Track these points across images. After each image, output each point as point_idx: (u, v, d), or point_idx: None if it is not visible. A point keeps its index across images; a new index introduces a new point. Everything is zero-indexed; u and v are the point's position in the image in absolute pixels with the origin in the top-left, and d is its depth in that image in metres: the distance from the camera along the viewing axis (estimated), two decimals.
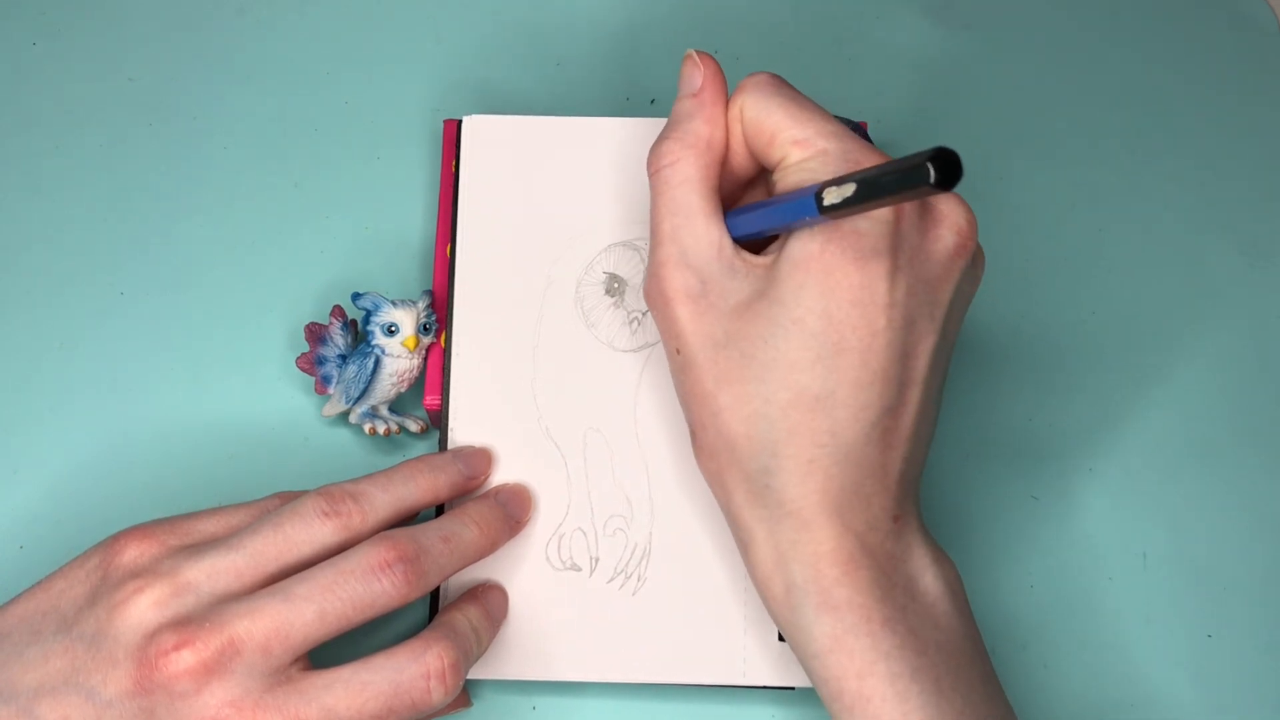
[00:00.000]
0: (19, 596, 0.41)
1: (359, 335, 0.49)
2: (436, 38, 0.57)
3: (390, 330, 0.48)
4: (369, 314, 0.48)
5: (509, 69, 0.56)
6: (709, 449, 0.41)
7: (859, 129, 0.51)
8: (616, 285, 0.48)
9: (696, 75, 0.42)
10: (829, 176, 0.38)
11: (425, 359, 0.49)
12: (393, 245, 0.53)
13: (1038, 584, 0.49)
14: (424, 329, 0.48)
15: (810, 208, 0.36)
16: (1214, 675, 0.48)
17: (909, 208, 0.39)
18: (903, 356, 0.39)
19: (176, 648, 0.37)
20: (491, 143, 0.49)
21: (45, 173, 0.54)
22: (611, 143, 0.49)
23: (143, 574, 0.39)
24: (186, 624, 0.38)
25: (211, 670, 0.37)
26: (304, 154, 0.55)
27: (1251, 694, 0.48)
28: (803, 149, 0.40)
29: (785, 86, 0.41)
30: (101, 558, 0.40)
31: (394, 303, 0.48)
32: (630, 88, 0.56)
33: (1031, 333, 0.52)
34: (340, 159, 0.55)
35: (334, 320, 0.49)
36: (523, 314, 0.48)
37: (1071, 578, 0.49)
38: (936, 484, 0.50)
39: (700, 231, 0.41)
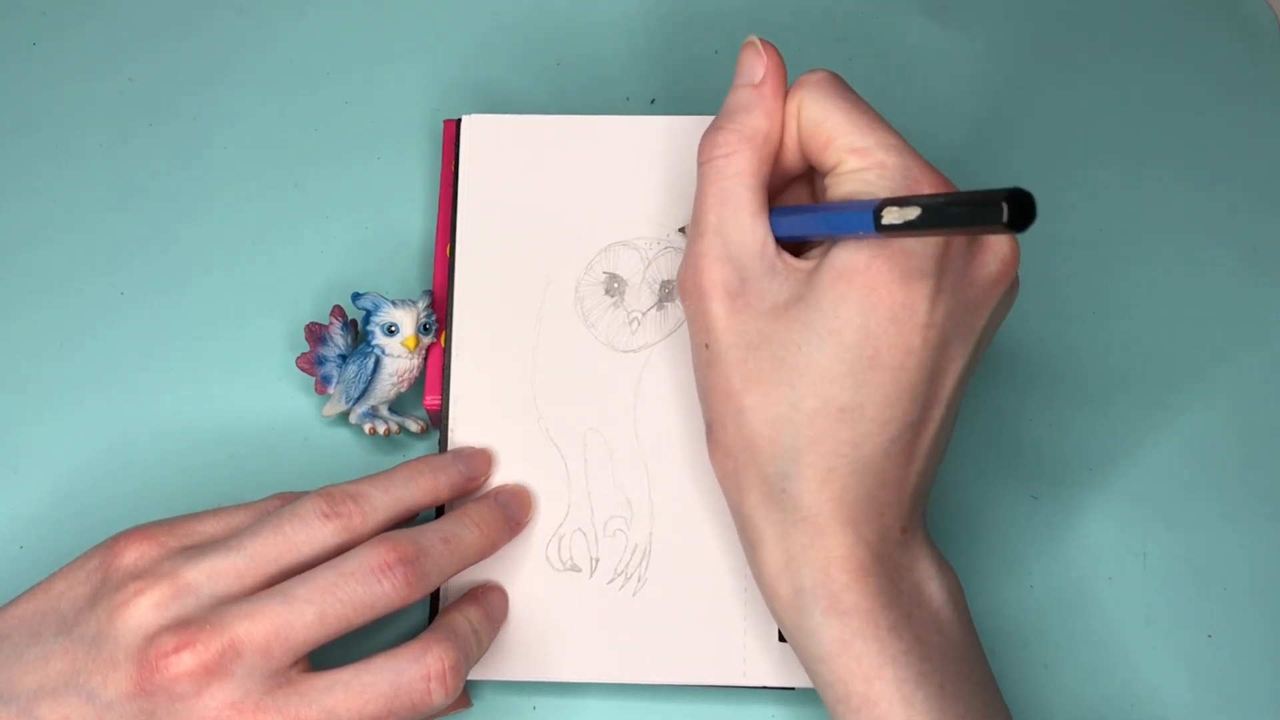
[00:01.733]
0: (19, 598, 0.41)
1: (359, 335, 0.49)
2: (436, 38, 0.57)
3: (390, 330, 0.48)
4: (369, 314, 0.48)
5: (509, 69, 0.56)
6: (726, 446, 0.41)
7: None
8: (616, 285, 0.48)
9: (759, 65, 0.41)
10: (885, 191, 0.38)
11: (425, 359, 0.49)
12: (393, 245, 0.53)
13: (1038, 584, 0.49)
14: (424, 329, 0.48)
15: (866, 222, 0.36)
16: (1214, 675, 0.48)
17: None
18: (933, 376, 0.39)
19: (177, 650, 0.37)
20: (491, 142, 0.49)
21: (45, 173, 0.54)
22: (611, 142, 0.49)
23: (143, 575, 0.39)
24: (187, 626, 0.38)
25: (212, 672, 0.37)
26: (304, 154, 0.55)
27: (1251, 694, 0.48)
28: (861, 158, 0.39)
29: (846, 88, 0.41)
30: (101, 559, 0.40)
31: (394, 303, 0.48)
32: (630, 87, 0.56)
33: (1031, 333, 0.52)
34: (340, 159, 0.55)
35: (334, 320, 0.49)
36: (522, 314, 0.48)
37: (1071, 578, 0.49)
38: (936, 484, 0.49)
39: (746, 227, 0.40)
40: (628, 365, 0.47)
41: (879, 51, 0.57)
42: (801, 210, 0.40)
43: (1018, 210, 0.31)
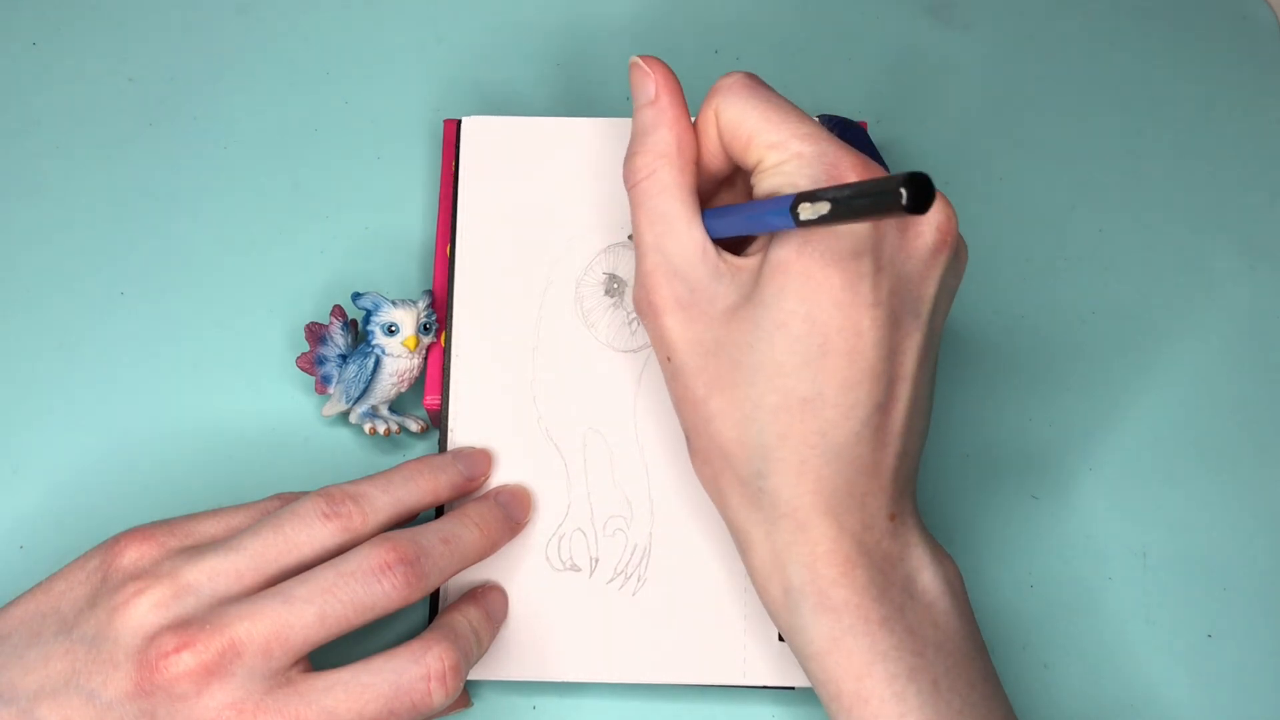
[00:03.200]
0: (19, 598, 0.41)
1: (359, 335, 0.49)
2: (436, 38, 0.57)
3: (390, 330, 0.48)
4: (369, 314, 0.48)
5: (509, 69, 0.56)
6: (703, 454, 0.41)
7: (859, 129, 0.50)
8: (616, 285, 0.48)
9: (649, 82, 0.42)
10: (805, 181, 0.38)
11: (425, 359, 0.49)
12: (393, 245, 0.53)
13: (1038, 584, 0.49)
14: (424, 329, 0.48)
15: (786, 219, 0.36)
16: (1214, 675, 0.48)
17: None
18: (889, 354, 0.39)
19: (177, 650, 0.37)
20: (491, 143, 0.50)
21: (45, 173, 0.54)
22: (611, 143, 0.49)
23: (143, 576, 0.39)
24: (187, 626, 0.38)
25: (212, 672, 0.37)
26: (304, 154, 0.55)
27: (1251, 694, 0.48)
28: (778, 152, 0.39)
29: (761, 87, 0.41)
30: (101, 559, 0.40)
31: (394, 302, 0.48)
32: (630, 88, 0.56)
33: (1031, 333, 0.52)
34: (340, 159, 0.55)
35: (334, 320, 0.49)
36: (522, 314, 0.48)
37: (1071, 578, 0.49)
38: (937, 484, 0.50)
39: (683, 237, 0.41)
40: (628, 365, 0.47)
41: (879, 51, 0.57)
42: (732, 210, 0.40)
43: (917, 193, 0.32)
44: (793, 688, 0.45)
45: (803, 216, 0.36)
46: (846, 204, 0.34)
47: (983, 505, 0.50)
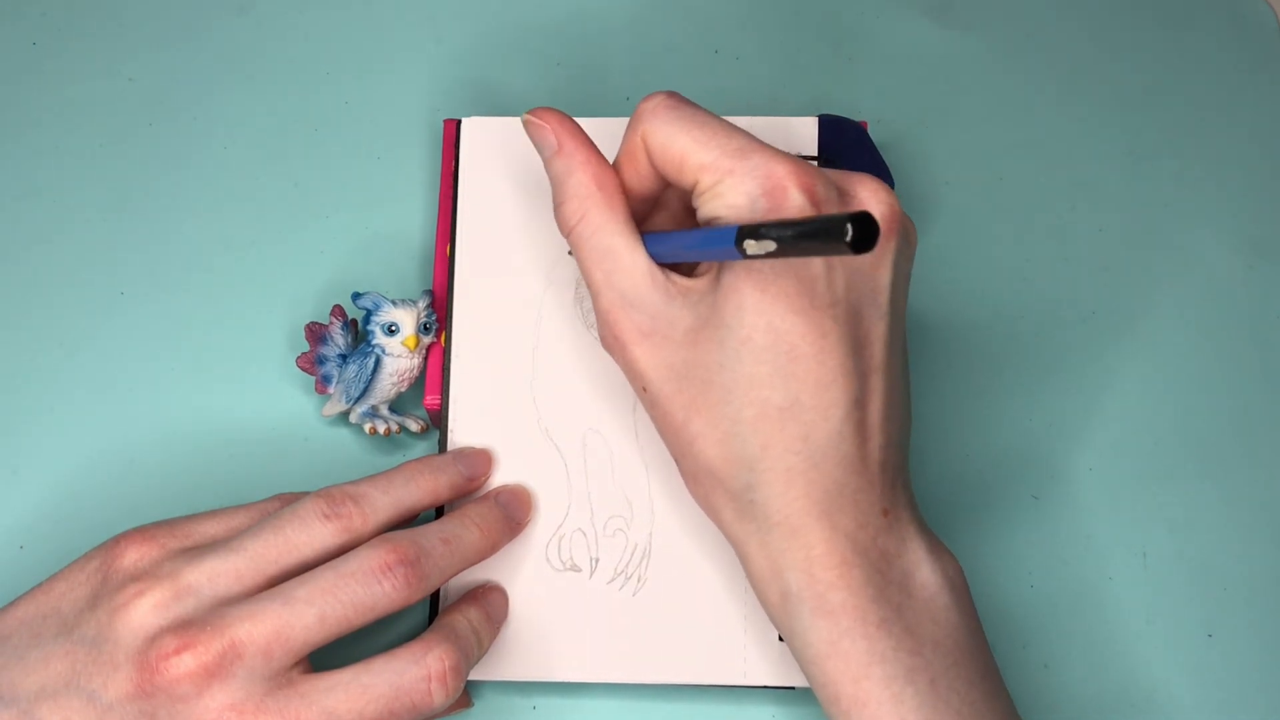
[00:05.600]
0: (19, 599, 0.41)
1: (359, 335, 0.49)
2: (436, 38, 0.57)
3: (390, 330, 0.48)
4: (369, 314, 0.48)
5: (509, 69, 0.56)
6: (692, 476, 0.41)
7: (859, 129, 0.50)
8: None
9: (547, 134, 0.42)
10: (742, 199, 0.38)
11: (425, 359, 0.49)
12: (393, 245, 0.53)
13: (1038, 584, 0.49)
14: (424, 329, 0.48)
15: (733, 253, 0.36)
16: (1214, 675, 0.48)
17: (828, 203, 0.38)
18: (857, 349, 0.39)
19: (177, 651, 0.37)
20: (491, 143, 0.50)
21: (45, 173, 0.54)
22: (612, 142, 0.49)
23: (143, 577, 0.39)
24: (187, 627, 0.38)
25: (212, 673, 0.37)
26: (304, 154, 0.55)
27: (1251, 694, 0.48)
28: (711, 174, 0.39)
29: (683, 105, 0.40)
30: (102, 560, 0.40)
31: (394, 302, 0.48)
32: (630, 88, 0.56)
33: (1032, 333, 0.52)
34: (340, 159, 0.55)
35: (334, 320, 0.49)
36: (522, 314, 0.48)
37: (1071, 578, 0.49)
38: (937, 484, 0.50)
39: (629, 268, 0.40)
40: None
41: (879, 51, 0.57)
42: (675, 237, 0.40)
43: (860, 235, 0.32)
44: (793, 688, 0.45)
45: (749, 252, 0.35)
46: (791, 243, 0.34)
47: (983, 505, 0.50)
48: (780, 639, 0.45)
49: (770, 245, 0.35)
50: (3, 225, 0.53)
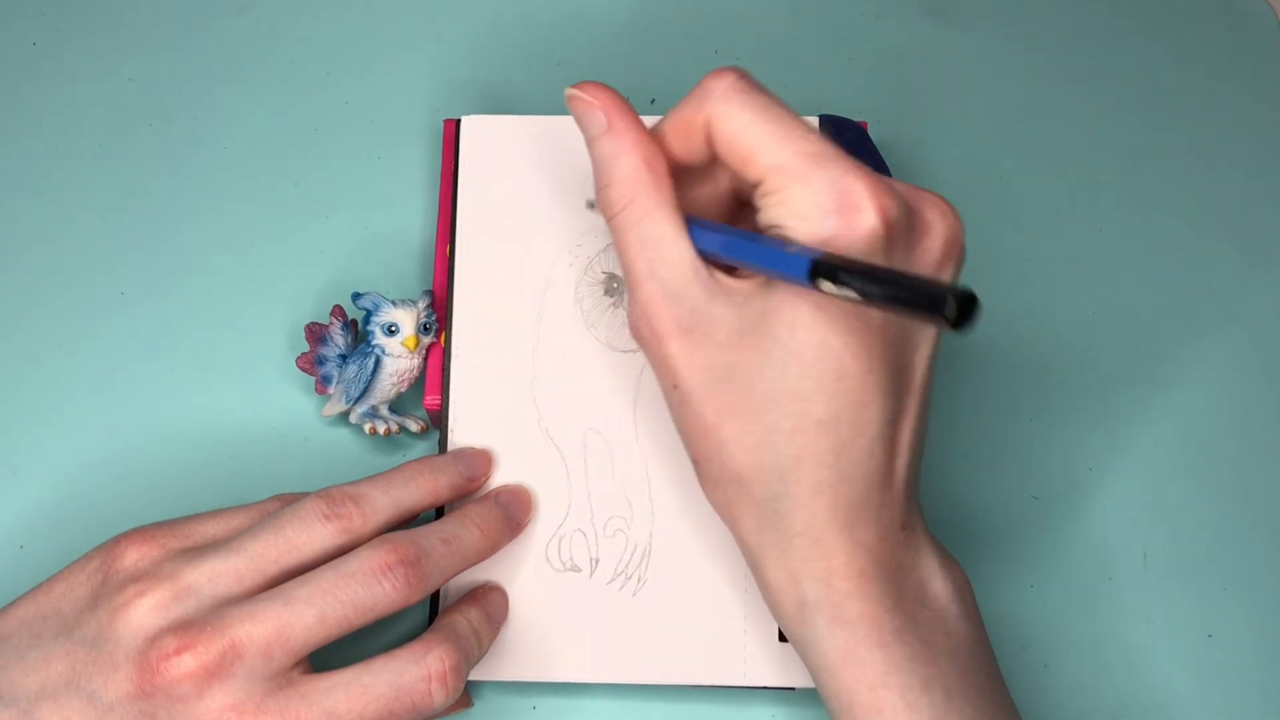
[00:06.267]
0: (19, 599, 0.41)
1: (359, 335, 0.49)
2: (436, 38, 0.57)
3: (390, 330, 0.48)
4: (369, 314, 0.48)
5: (509, 69, 0.56)
6: (714, 480, 0.41)
7: (859, 129, 0.50)
8: (616, 285, 0.48)
9: (595, 111, 0.41)
10: (811, 209, 0.37)
11: (425, 359, 0.49)
12: (393, 245, 0.53)
13: (1038, 584, 0.49)
14: (424, 329, 0.48)
15: (803, 280, 0.35)
16: (1214, 675, 0.48)
17: (899, 223, 0.37)
18: (899, 371, 0.39)
19: (178, 651, 0.37)
20: (491, 143, 0.49)
21: (45, 173, 0.54)
22: None
23: (143, 577, 0.39)
24: (188, 627, 0.38)
25: (213, 674, 0.37)
26: (304, 154, 0.55)
27: (1251, 694, 0.48)
28: (781, 176, 0.37)
29: (756, 91, 0.39)
30: (102, 560, 0.40)
31: (394, 302, 0.48)
32: (630, 87, 0.56)
33: (1032, 333, 0.52)
34: (340, 159, 0.55)
35: (334, 320, 0.49)
36: (522, 314, 0.48)
37: (1071, 578, 0.49)
38: (937, 484, 0.50)
39: (674, 259, 0.39)
40: (628, 365, 0.47)
41: (879, 51, 0.57)
42: (730, 236, 0.38)
43: (962, 314, 0.31)
44: (793, 688, 0.45)
45: (824, 290, 0.34)
46: (879, 301, 0.33)
47: (983, 506, 0.50)
48: (781, 639, 0.45)
49: (852, 294, 0.33)
50: (3, 225, 0.53)
